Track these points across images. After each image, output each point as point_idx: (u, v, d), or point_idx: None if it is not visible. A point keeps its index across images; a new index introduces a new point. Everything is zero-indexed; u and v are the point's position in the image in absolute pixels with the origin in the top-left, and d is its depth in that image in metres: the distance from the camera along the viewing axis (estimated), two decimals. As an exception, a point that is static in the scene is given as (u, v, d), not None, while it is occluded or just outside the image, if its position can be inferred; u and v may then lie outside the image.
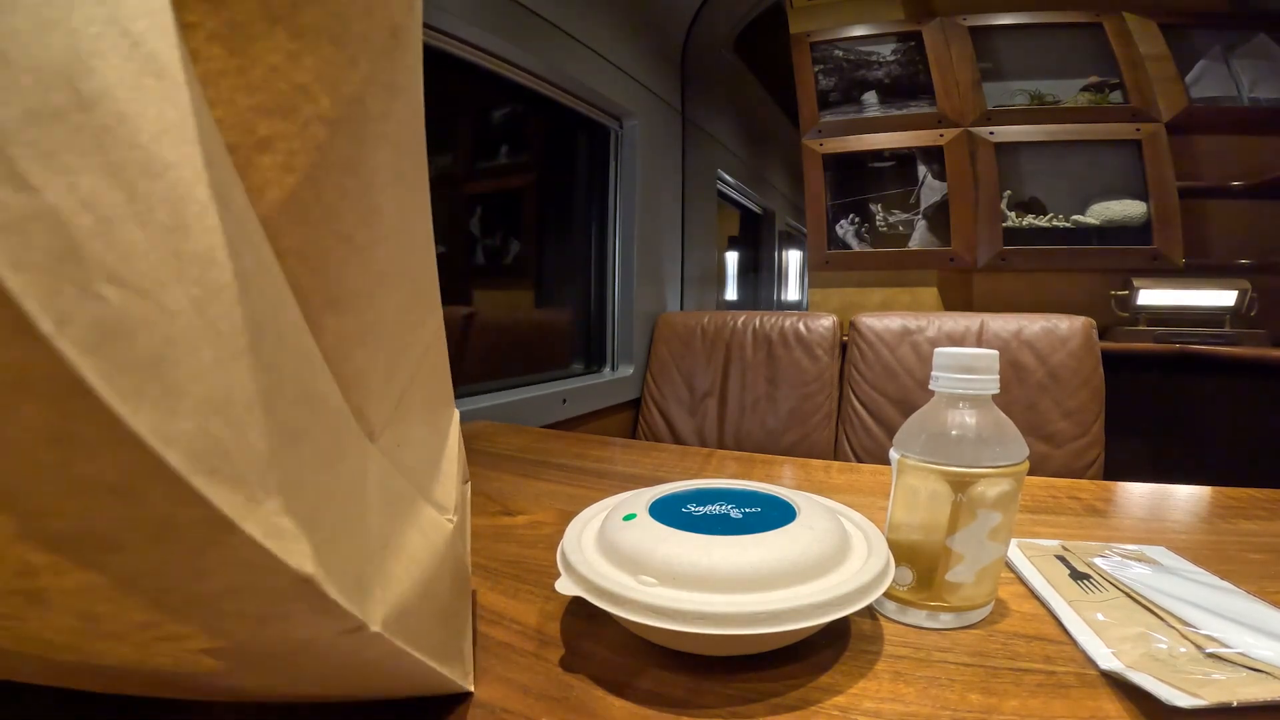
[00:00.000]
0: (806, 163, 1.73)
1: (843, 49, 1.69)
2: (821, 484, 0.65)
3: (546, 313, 1.58)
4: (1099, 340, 1.16)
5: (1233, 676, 0.27)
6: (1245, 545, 0.47)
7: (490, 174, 1.43)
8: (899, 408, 1.25)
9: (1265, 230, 1.46)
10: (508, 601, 0.38)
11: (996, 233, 1.56)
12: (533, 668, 0.31)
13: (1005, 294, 1.67)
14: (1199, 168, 1.49)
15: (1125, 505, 0.58)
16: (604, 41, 1.41)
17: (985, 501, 0.32)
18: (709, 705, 0.28)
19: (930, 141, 1.61)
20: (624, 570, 0.31)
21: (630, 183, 1.58)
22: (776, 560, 0.30)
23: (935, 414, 0.34)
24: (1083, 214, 1.53)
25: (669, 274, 1.80)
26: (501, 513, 0.56)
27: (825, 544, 0.32)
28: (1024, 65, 1.58)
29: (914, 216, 1.67)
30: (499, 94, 1.38)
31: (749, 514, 0.34)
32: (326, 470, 0.15)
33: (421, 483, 0.25)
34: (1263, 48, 1.44)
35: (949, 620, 0.34)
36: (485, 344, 1.34)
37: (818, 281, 1.79)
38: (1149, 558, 0.42)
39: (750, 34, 2.06)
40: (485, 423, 0.99)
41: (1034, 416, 1.15)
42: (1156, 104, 1.45)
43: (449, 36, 1.06)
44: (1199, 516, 0.55)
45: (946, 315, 1.27)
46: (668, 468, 0.72)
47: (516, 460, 0.74)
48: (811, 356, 1.37)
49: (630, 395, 1.57)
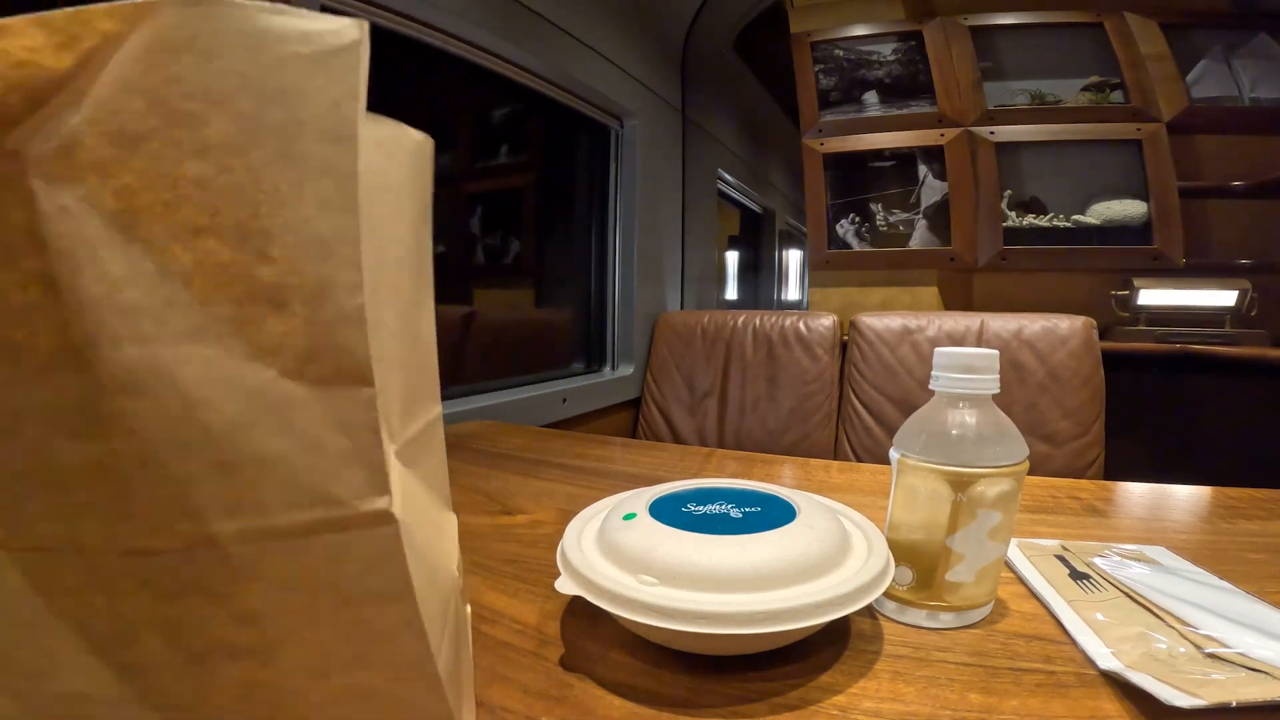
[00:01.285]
0: (807, 162, 1.73)
1: (843, 48, 1.69)
2: (821, 484, 0.65)
3: (547, 312, 1.58)
4: (1099, 340, 1.16)
5: (1232, 676, 0.27)
6: (1245, 545, 0.47)
7: (490, 173, 1.43)
8: (899, 407, 1.25)
9: (1266, 230, 1.46)
10: (507, 601, 0.38)
11: (997, 232, 1.56)
12: (532, 667, 0.31)
13: (1005, 294, 1.67)
14: (1199, 168, 1.49)
15: (1125, 505, 0.58)
16: (604, 41, 1.41)
17: (985, 501, 0.32)
18: (709, 705, 0.28)
19: (931, 141, 1.61)
20: (624, 570, 0.31)
21: (630, 182, 1.58)
22: (776, 560, 0.30)
23: (935, 414, 0.34)
24: (1083, 214, 1.53)
25: (669, 273, 1.80)
26: (501, 512, 0.56)
27: (825, 544, 0.32)
28: (1025, 65, 1.58)
29: (914, 216, 1.67)
30: (499, 93, 1.38)
31: (749, 513, 0.34)
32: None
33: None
34: (1264, 47, 1.44)
35: (949, 620, 0.34)
36: (485, 343, 1.34)
37: (818, 281, 1.79)
38: (1149, 558, 0.42)
39: (751, 33, 2.06)
40: (485, 422, 0.99)
41: (1034, 416, 1.15)
42: (1157, 104, 1.45)
43: (449, 36, 1.06)
44: (1199, 516, 0.55)
45: (947, 315, 1.27)
46: (668, 467, 0.72)
47: (516, 459, 0.74)
48: (811, 356, 1.37)
49: (630, 395, 1.57)
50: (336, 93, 0.15)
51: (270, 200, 0.14)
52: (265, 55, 0.14)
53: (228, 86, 0.14)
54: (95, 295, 0.14)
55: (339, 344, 0.15)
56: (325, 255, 0.15)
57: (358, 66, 0.15)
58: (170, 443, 0.15)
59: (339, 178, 0.15)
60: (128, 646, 0.16)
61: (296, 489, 0.16)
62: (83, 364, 0.14)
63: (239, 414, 0.15)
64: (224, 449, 0.15)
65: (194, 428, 0.15)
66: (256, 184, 0.14)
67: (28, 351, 0.14)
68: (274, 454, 0.16)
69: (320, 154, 0.15)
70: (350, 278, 0.15)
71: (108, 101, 0.14)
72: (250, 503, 0.16)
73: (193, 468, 0.15)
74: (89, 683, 0.17)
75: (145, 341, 0.14)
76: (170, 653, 0.17)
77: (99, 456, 0.15)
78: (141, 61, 0.14)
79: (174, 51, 0.14)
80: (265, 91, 0.14)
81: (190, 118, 0.14)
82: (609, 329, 1.60)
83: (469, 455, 0.76)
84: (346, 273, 0.15)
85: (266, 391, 0.15)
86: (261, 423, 0.15)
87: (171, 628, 0.17)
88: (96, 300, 0.14)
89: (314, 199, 0.15)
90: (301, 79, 0.14)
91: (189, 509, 0.15)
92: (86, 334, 0.14)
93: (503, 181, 1.46)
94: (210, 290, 0.15)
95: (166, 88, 0.14)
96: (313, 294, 0.15)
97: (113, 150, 0.14)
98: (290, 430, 0.16)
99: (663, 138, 1.72)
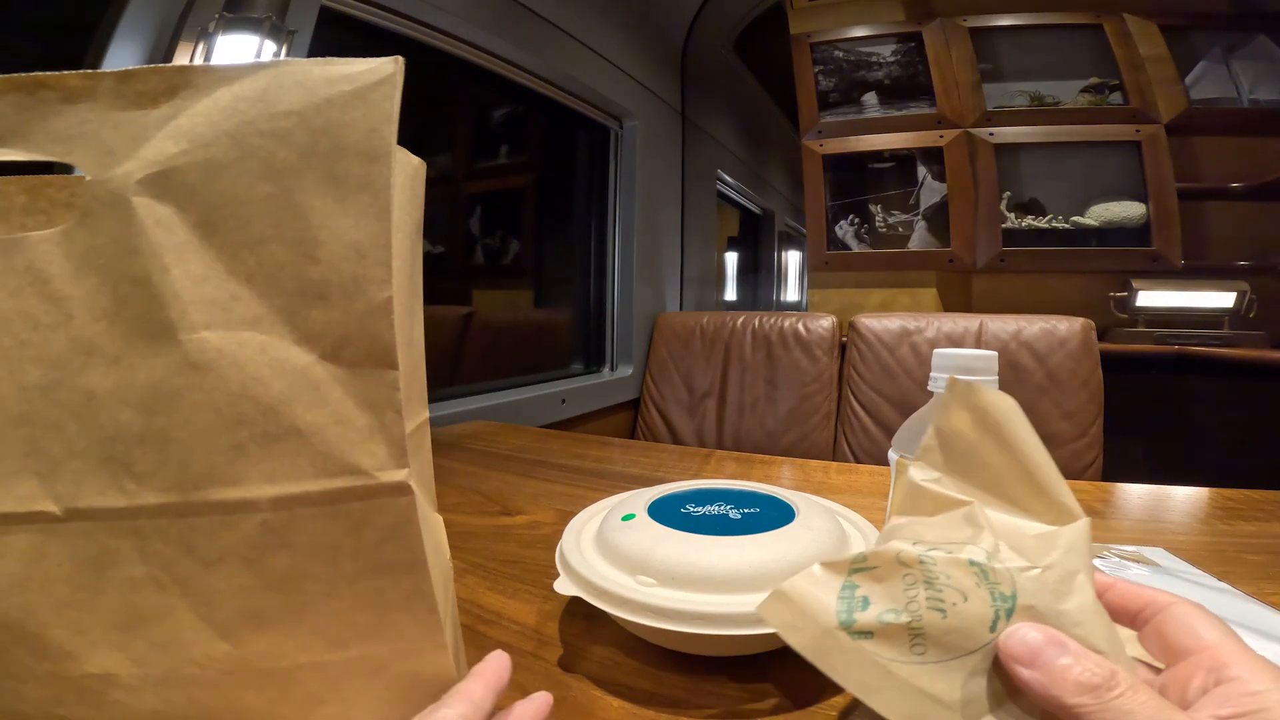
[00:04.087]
0: (806, 163, 1.73)
1: (843, 50, 1.69)
2: (820, 484, 0.65)
3: (546, 313, 1.58)
4: (1098, 341, 1.16)
5: (1230, 678, 0.27)
6: (1243, 546, 0.47)
7: (490, 174, 1.43)
8: (898, 408, 1.25)
9: (1264, 232, 1.46)
10: (506, 601, 0.38)
11: (996, 234, 1.56)
12: (531, 668, 0.31)
13: (1004, 295, 1.67)
14: (1198, 169, 1.49)
15: (1123, 506, 0.59)
16: (604, 41, 1.41)
17: (983, 502, 0.32)
18: (708, 705, 0.28)
19: (930, 142, 1.61)
20: (623, 570, 0.31)
21: (630, 183, 1.58)
22: (775, 561, 0.30)
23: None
24: (1082, 215, 1.53)
25: (668, 274, 1.80)
26: (500, 513, 0.56)
27: (824, 544, 0.32)
28: (1024, 66, 1.58)
29: (913, 217, 1.67)
30: (499, 94, 1.38)
31: (748, 514, 0.34)
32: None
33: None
34: (1263, 49, 1.44)
35: (947, 621, 0.34)
36: (484, 344, 1.34)
37: (817, 282, 1.79)
38: (1147, 559, 0.42)
39: (750, 34, 2.06)
40: (484, 423, 0.99)
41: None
42: (1156, 105, 1.45)
43: (449, 36, 1.06)
44: (1197, 518, 0.55)
45: (945, 316, 1.28)
46: (666, 468, 0.72)
47: (515, 460, 0.74)
48: (811, 357, 1.37)
49: (629, 395, 1.57)
50: (374, 119, 0.18)
51: (319, 212, 0.18)
52: (316, 97, 0.18)
53: (289, 125, 0.17)
54: (180, 289, 0.17)
55: (370, 331, 0.18)
56: (361, 256, 0.18)
57: (392, 94, 0.18)
58: (228, 415, 0.18)
59: (374, 190, 0.18)
60: (160, 621, 0.18)
61: (328, 459, 0.18)
62: (162, 346, 0.17)
63: (285, 389, 0.18)
64: (270, 421, 0.18)
65: (248, 401, 0.18)
66: (310, 200, 0.18)
67: (106, 339, 0.17)
68: (311, 426, 0.18)
69: (359, 171, 0.18)
70: (381, 275, 0.18)
71: (199, 138, 0.17)
72: (286, 470, 0.18)
73: (243, 437, 0.18)
74: (116, 662, 0.18)
75: (214, 327, 0.17)
76: (201, 627, 0.18)
77: (163, 428, 0.17)
78: (226, 109, 0.17)
79: (249, 100, 0.17)
80: (316, 126, 0.18)
81: (260, 151, 0.17)
82: (608, 330, 1.60)
83: (468, 456, 0.76)
84: (378, 271, 0.18)
85: (308, 372, 0.18)
86: (303, 399, 0.18)
87: (207, 598, 0.18)
88: (180, 293, 0.17)
89: (354, 209, 0.18)
90: (344, 113, 0.18)
91: (236, 476, 0.18)
92: (171, 320, 0.17)
93: (502, 182, 1.46)
94: (268, 286, 0.18)
95: (243, 129, 0.17)
96: (349, 289, 0.18)
97: (201, 175, 0.17)
98: (326, 406, 0.18)
99: (662, 138, 1.73)
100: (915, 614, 0.20)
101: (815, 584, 0.21)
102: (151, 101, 0.17)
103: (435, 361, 1.33)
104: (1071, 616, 0.19)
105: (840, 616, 0.20)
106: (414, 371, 0.25)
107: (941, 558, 0.20)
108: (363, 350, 0.18)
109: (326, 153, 0.17)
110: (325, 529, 0.19)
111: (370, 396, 0.18)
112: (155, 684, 0.19)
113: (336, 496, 0.18)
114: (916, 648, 0.20)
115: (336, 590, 0.19)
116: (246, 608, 0.19)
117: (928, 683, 0.19)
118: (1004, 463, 0.22)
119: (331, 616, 0.19)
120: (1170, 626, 0.19)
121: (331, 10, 0.86)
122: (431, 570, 0.20)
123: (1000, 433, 0.22)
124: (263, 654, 0.19)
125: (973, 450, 0.23)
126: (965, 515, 0.22)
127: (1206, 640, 0.18)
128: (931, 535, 0.21)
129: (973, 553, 0.20)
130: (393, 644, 0.20)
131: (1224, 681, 0.17)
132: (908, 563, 0.20)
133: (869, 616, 0.20)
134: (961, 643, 0.19)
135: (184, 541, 0.18)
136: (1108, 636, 0.19)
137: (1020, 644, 0.18)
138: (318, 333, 0.18)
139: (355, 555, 0.19)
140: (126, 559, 0.18)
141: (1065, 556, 0.20)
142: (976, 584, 0.19)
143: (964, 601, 0.19)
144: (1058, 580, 0.19)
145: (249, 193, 0.17)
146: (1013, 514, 0.22)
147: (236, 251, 0.18)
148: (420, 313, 0.26)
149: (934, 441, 0.24)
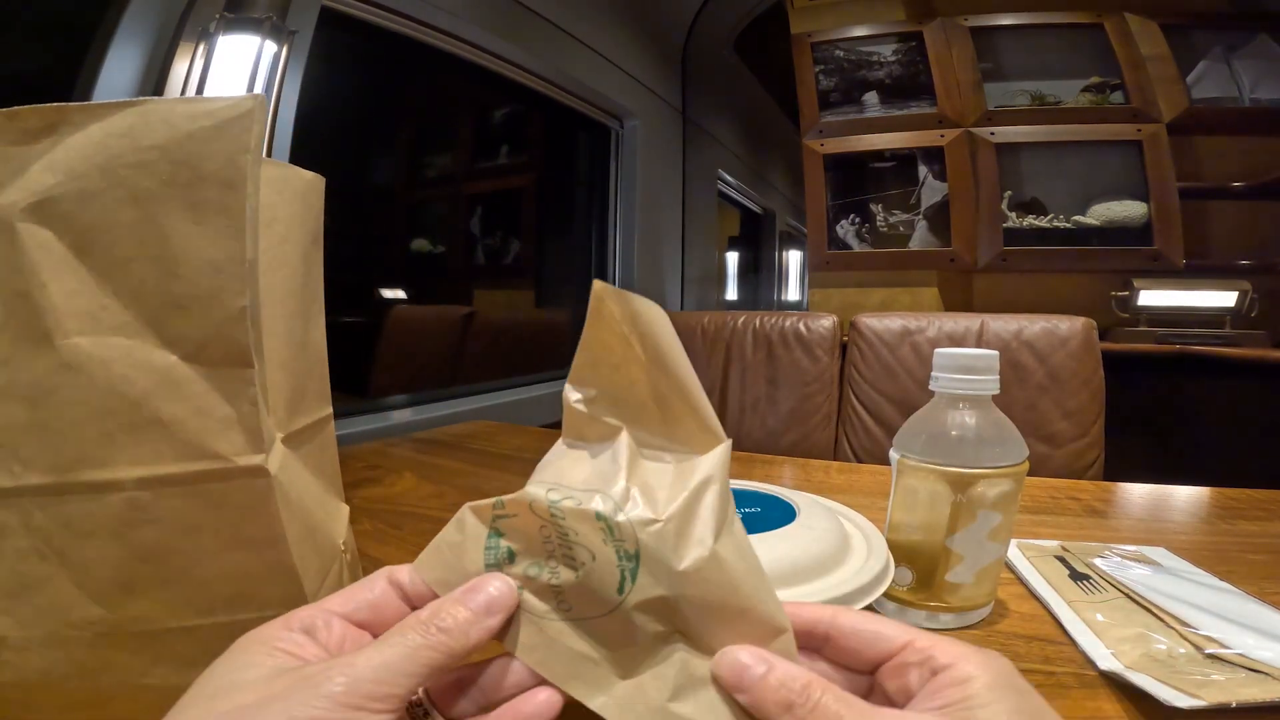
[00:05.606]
0: (807, 163, 1.73)
1: (844, 49, 1.69)
2: (821, 484, 0.65)
3: (547, 312, 1.58)
4: (1099, 341, 1.16)
5: (1232, 677, 0.27)
6: (1245, 546, 0.47)
7: (491, 174, 1.43)
8: (899, 408, 1.25)
9: (1266, 231, 1.46)
10: (507, 601, 0.38)
11: (997, 233, 1.56)
12: (532, 667, 0.31)
13: (1005, 294, 1.67)
14: (1200, 168, 1.49)
15: (1125, 506, 0.58)
16: (604, 41, 1.41)
17: (985, 502, 0.32)
18: (708, 705, 0.28)
19: (931, 142, 1.61)
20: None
21: (630, 183, 1.58)
22: (775, 560, 0.30)
23: (935, 414, 0.34)
24: (1083, 215, 1.53)
25: (669, 274, 1.80)
26: (501, 512, 0.55)
27: (824, 544, 0.32)
28: (1025, 66, 1.58)
29: (914, 217, 1.67)
30: (499, 94, 1.38)
31: (748, 514, 0.34)
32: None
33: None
34: (1264, 48, 1.44)
35: (948, 621, 0.34)
36: (485, 344, 1.34)
37: (818, 282, 1.79)
38: (1149, 558, 0.42)
39: (751, 34, 2.06)
40: (485, 422, 0.99)
41: (1034, 417, 1.15)
42: (1157, 104, 1.45)
43: (449, 36, 1.06)
44: (1199, 517, 0.55)
45: (947, 316, 1.27)
46: (668, 468, 0.72)
47: (516, 460, 0.74)
48: (811, 357, 1.37)
49: (630, 395, 1.57)
50: (231, 150, 0.20)
51: (180, 234, 0.20)
52: (178, 132, 0.20)
53: (152, 158, 0.20)
54: (56, 302, 0.20)
55: (227, 335, 0.21)
56: (218, 271, 0.20)
57: (250, 127, 0.20)
58: (98, 408, 0.20)
59: (230, 214, 0.20)
60: (42, 588, 0.21)
61: (188, 445, 0.21)
62: (42, 350, 0.20)
63: (149, 386, 0.21)
64: (135, 413, 0.20)
65: (115, 396, 0.20)
66: (172, 223, 0.20)
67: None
68: (173, 417, 0.21)
69: (217, 197, 0.20)
70: (237, 287, 0.21)
71: (73, 170, 0.19)
72: (150, 455, 0.21)
73: (110, 426, 0.20)
74: (5, 625, 0.21)
75: (85, 334, 0.20)
76: (77, 594, 0.21)
77: (44, 419, 0.20)
78: (97, 144, 0.20)
79: (117, 136, 0.20)
80: (177, 158, 0.20)
81: (126, 181, 0.20)
82: (609, 329, 1.60)
83: (469, 455, 0.76)
84: (234, 284, 0.21)
85: (171, 371, 0.21)
86: (165, 394, 0.21)
87: (83, 567, 0.21)
88: (56, 305, 0.20)
89: (213, 230, 0.20)
90: (205, 145, 0.20)
91: (104, 459, 0.20)
92: (48, 328, 0.20)
93: (503, 182, 1.46)
94: (133, 298, 0.20)
95: (111, 161, 0.20)
96: (207, 300, 0.21)
97: (75, 203, 0.20)
98: (187, 400, 0.21)
99: (663, 138, 1.73)
100: (554, 570, 0.19)
101: (464, 533, 0.20)
102: (33, 137, 0.19)
103: (436, 361, 1.33)
104: (689, 579, 0.18)
105: (487, 571, 0.19)
106: (310, 370, 0.28)
107: (570, 509, 0.19)
108: (221, 351, 0.21)
109: (187, 181, 0.20)
110: (187, 507, 0.21)
111: (229, 391, 0.21)
112: (40, 644, 0.21)
113: (196, 478, 0.21)
114: (563, 604, 0.19)
115: (201, 562, 0.22)
116: (118, 576, 0.21)
117: (576, 640, 0.18)
118: (655, 379, 0.21)
119: (198, 586, 0.22)
120: (851, 640, 0.19)
121: (332, 10, 0.86)
122: (295, 546, 0.23)
123: (647, 345, 0.21)
124: (135, 619, 0.21)
125: (622, 365, 0.21)
126: (613, 450, 0.20)
127: (899, 637, 0.19)
128: (577, 473, 0.20)
129: (600, 503, 0.19)
130: (260, 612, 0.22)
131: (937, 671, 0.17)
132: (540, 514, 0.19)
133: (516, 570, 0.19)
134: (598, 606, 0.18)
135: (61, 517, 0.20)
136: (738, 587, 0.18)
137: (728, 670, 0.18)
138: (180, 337, 0.21)
139: (216, 531, 0.22)
140: (14, 532, 0.20)
141: (689, 501, 0.19)
142: (603, 540, 0.18)
143: (593, 561, 0.18)
144: (675, 535, 0.18)
145: (116, 218, 0.20)
146: (659, 440, 0.21)
147: (106, 269, 0.20)
148: (319, 316, 0.29)
149: (585, 356, 0.22)
